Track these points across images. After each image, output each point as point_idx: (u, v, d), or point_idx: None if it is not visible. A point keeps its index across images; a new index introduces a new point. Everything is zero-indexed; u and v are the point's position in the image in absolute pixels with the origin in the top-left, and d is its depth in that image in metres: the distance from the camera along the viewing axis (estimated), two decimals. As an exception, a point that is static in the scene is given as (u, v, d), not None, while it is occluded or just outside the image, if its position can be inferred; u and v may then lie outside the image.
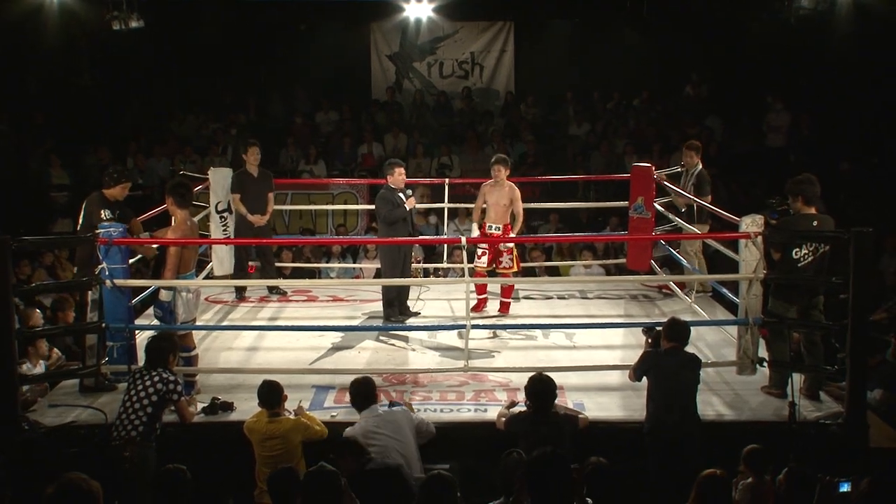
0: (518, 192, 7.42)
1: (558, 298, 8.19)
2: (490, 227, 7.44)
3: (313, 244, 10.26)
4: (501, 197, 7.39)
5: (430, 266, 9.07)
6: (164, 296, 5.74)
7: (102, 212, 6.02)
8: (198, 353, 5.98)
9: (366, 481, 4.20)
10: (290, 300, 8.13)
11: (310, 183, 11.35)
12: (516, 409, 5.17)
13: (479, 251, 7.39)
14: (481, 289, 7.48)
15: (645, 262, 8.25)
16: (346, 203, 11.19)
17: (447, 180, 8.87)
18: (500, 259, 7.39)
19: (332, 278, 9.54)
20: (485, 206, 7.47)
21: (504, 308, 7.57)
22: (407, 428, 4.89)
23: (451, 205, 8.91)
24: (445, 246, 8.96)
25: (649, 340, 5.47)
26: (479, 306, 7.47)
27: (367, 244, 9.77)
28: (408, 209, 7.20)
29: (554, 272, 9.55)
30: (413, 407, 5.31)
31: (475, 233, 7.39)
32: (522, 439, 4.80)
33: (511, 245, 7.40)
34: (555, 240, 9.92)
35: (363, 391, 5.00)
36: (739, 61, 12.73)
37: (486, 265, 7.40)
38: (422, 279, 8.54)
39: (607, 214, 10.52)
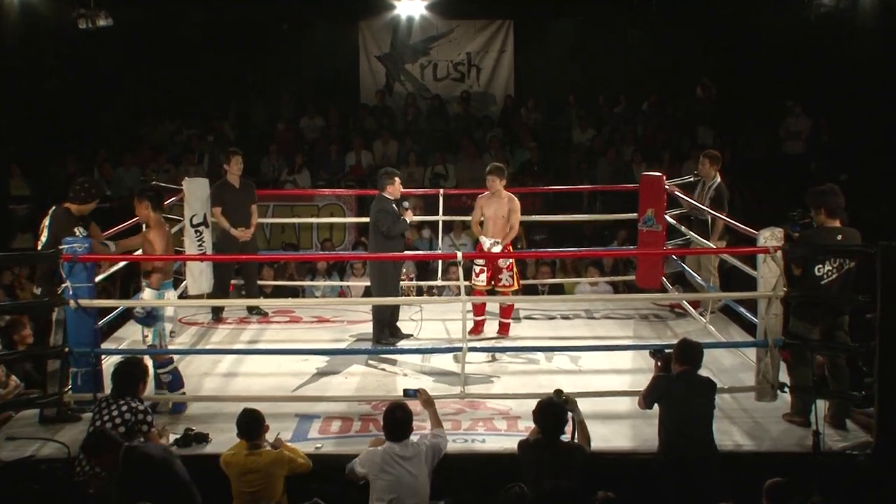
0: (517, 204, 7.43)
1: (562, 318, 8.17)
2: (489, 242, 7.42)
3: (297, 260, 10.23)
4: (500, 209, 7.40)
5: (424, 284, 9.04)
6: (148, 294, 5.77)
7: (76, 230, 6.01)
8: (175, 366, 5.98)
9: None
10: (272, 321, 8.11)
11: (293, 194, 11.34)
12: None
13: (477, 268, 7.37)
14: (479, 309, 7.46)
15: (656, 279, 8.24)
16: (332, 216, 11.16)
17: (442, 191, 8.87)
18: (500, 276, 7.38)
19: (317, 297, 9.52)
20: (483, 219, 7.48)
21: (503, 329, 7.54)
22: (426, 463, 4.84)
23: (447, 217, 8.89)
24: (440, 262, 8.91)
25: (658, 364, 5.44)
26: (477, 328, 7.45)
27: (355, 260, 9.75)
28: (407, 222, 7.24)
29: (557, 290, 9.53)
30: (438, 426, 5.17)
31: (486, 245, 7.38)
32: (528, 468, 4.76)
33: (511, 261, 7.40)
34: (558, 255, 9.91)
35: (400, 423, 4.86)
36: (754, 62, 12.79)
37: (484, 283, 7.38)
38: (415, 298, 8.52)
39: (615, 228, 10.52)
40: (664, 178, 8.26)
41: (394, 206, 7.22)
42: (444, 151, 12.65)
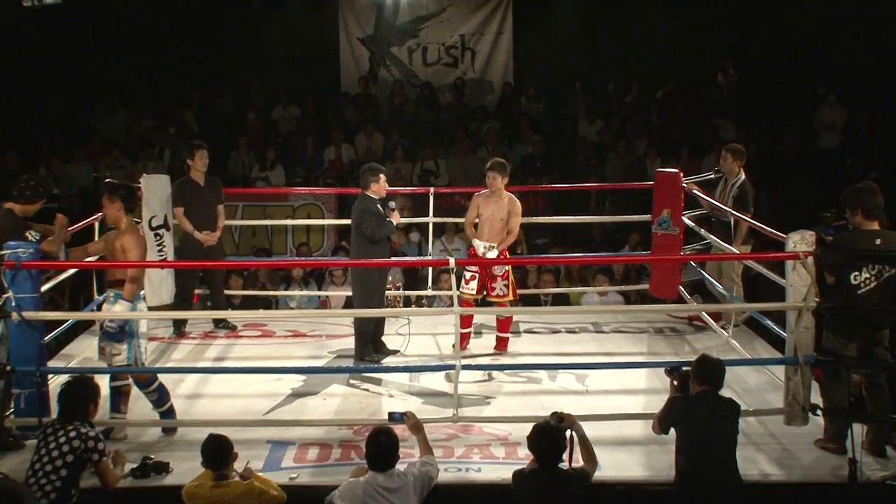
0: (519, 206, 7.47)
1: (567, 332, 8.22)
2: (487, 246, 7.45)
3: (269, 268, 10.24)
4: (498, 210, 7.42)
5: (412, 294, 9.07)
6: (122, 308, 5.81)
7: (28, 234, 6.00)
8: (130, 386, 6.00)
9: None
10: (241, 336, 8.15)
11: (265, 193, 11.37)
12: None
13: (468, 274, 7.39)
14: (465, 321, 7.48)
15: (672, 288, 8.27)
16: (309, 217, 11.18)
17: (432, 189, 8.90)
18: (493, 285, 7.40)
19: (291, 309, 9.54)
20: (478, 220, 7.50)
21: (501, 344, 7.58)
22: (414, 495, 4.82)
23: (437, 219, 8.91)
24: (430, 269, 8.94)
25: (675, 384, 5.46)
26: (462, 343, 7.41)
27: (335, 267, 9.77)
28: (394, 224, 7.28)
29: (562, 300, 9.56)
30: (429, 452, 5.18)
31: (480, 250, 7.41)
32: (524, 500, 4.77)
33: (506, 269, 7.42)
34: (563, 261, 9.94)
35: (385, 450, 4.83)
36: (783, 44, 12.85)
37: (474, 292, 7.40)
38: (402, 310, 8.53)
39: (626, 231, 10.57)
40: (681, 174, 8.29)
41: (378, 206, 7.25)
42: (434, 145, 12.68)
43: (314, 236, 11.14)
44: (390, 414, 5.26)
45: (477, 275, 7.40)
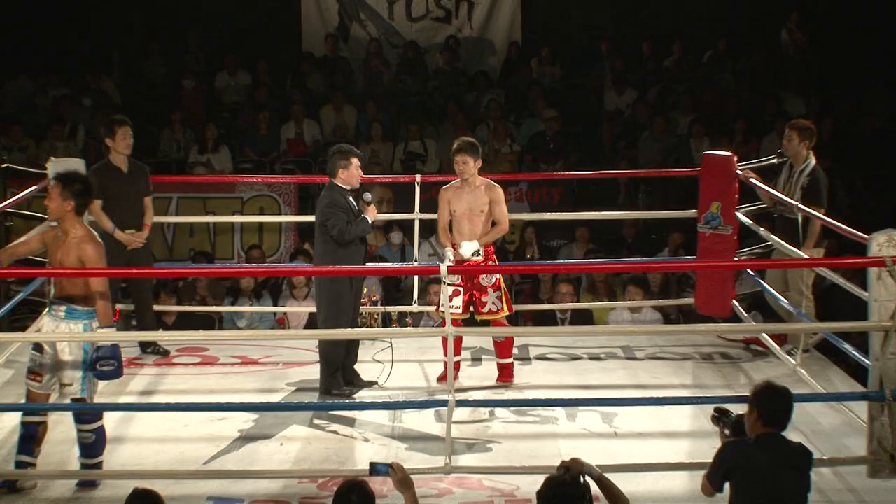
0: (499, 192, 7.51)
1: (590, 359, 8.24)
2: (470, 248, 7.44)
3: (211, 276, 10.23)
4: (476, 201, 7.45)
5: (393, 310, 9.04)
6: (99, 332, 5.87)
7: None
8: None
9: None
10: (175, 363, 8.16)
11: (206, 182, 11.36)
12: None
13: (450, 289, 7.34)
14: (457, 346, 7.38)
15: (723, 303, 8.28)
16: (262, 212, 11.20)
17: (419, 178, 8.91)
18: (483, 299, 7.41)
19: (240, 329, 9.54)
20: (451, 218, 7.54)
21: (505, 374, 7.58)
22: None
23: (425, 215, 8.86)
24: (416, 279, 8.92)
25: (726, 433, 5.42)
26: (444, 374, 7.38)
27: (295, 276, 9.76)
28: (369, 222, 7.31)
29: (584, 319, 9.57)
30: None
31: (467, 254, 7.41)
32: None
33: (497, 277, 7.43)
34: (585, 269, 9.94)
35: None
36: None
37: (460, 310, 7.41)
38: (380, 330, 8.53)
39: (665, 230, 10.59)
40: (735, 159, 8.31)
41: (350, 199, 7.27)
42: (421, 122, 12.71)
43: (268, 237, 11.15)
44: (372, 465, 5.20)
45: (461, 288, 7.40)
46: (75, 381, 5.97)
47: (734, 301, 8.32)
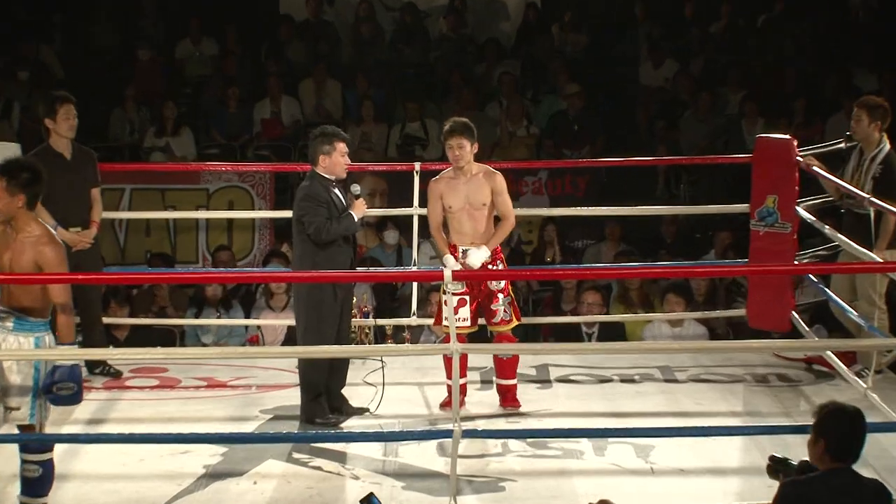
0: (501, 180, 7.52)
1: (622, 382, 8.27)
2: (465, 251, 7.47)
3: (171, 283, 10.21)
4: (474, 193, 7.47)
5: (388, 323, 9.02)
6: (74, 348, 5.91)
7: None
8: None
9: None
10: (128, 387, 8.20)
11: (165, 171, 11.35)
12: None
13: (455, 298, 7.31)
14: (463, 366, 7.42)
15: (780, 314, 8.27)
16: (231, 207, 11.23)
17: (418, 165, 8.90)
18: (494, 307, 7.44)
19: (206, 346, 9.54)
20: (446, 215, 7.55)
21: (509, 398, 7.58)
22: None
23: (425, 210, 8.80)
24: (415, 286, 8.93)
25: (781, 476, 5.35)
26: (448, 400, 7.42)
27: (271, 283, 9.75)
28: (356, 219, 7.29)
29: (614, 333, 9.59)
30: None
31: (476, 262, 7.41)
32: None
33: (503, 283, 7.43)
34: (615, 274, 9.90)
35: None
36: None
37: (468, 323, 7.44)
38: (372, 347, 8.57)
39: (711, 227, 10.60)
40: (795, 143, 8.30)
41: (335, 191, 7.27)
42: (421, 99, 12.72)
43: (239, 236, 11.19)
44: (369, 498, 5.16)
45: (468, 297, 7.41)
46: (24, 405, 5.93)
47: (793, 312, 8.29)
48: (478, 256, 7.38)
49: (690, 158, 11.28)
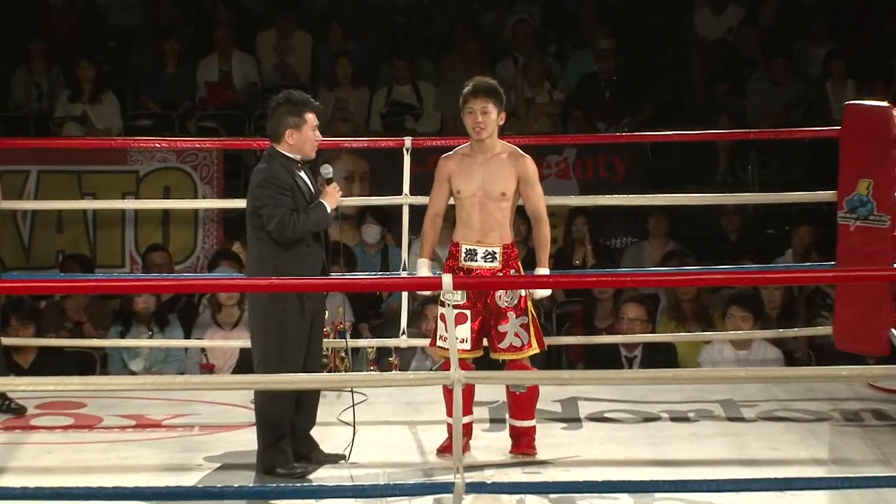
0: (531, 167, 7.51)
1: (672, 420, 8.32)
2: (469, 252, 7.48)
3: (89, 293, 10.18)
4: (493, 178, 7.48)
5: (369, 344, 9.04)
6: None
7: None
8: None
9: None
10: (35, 426, 8.25)
11: (83, 148, 11.35)
12: None
13: (454, 312, 7.25)
14: (468, 401, 7.44)
15: (877, 333, 8.30)
16: (168, 195, 11.32)
17: (409, 141, 8.98)
18: (502, 328, 7.43)
19: (134, 375, 9.54)
20: (452, 201, 7.58)
21: (524, 444, 7.60)
22: None
23: (418, 199, 8.86)
24: (404, 297, 8.97)
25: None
26: (448, 444, 7.42)
27: (219, 293, 9.78)
28: (329, 210, 7.31)
29: (664, 357, 9.62)
30: None
31: (479, 260, 7.44)
32: None
33: (521, 294, 7.44)
34: (664, 281, 9.88)
35: None
36: None
37: (468, 346, 7.44)
38: (348, 376, 8.56)
39: (787, 220, 10.66)
40: (895, 112, 8.30)
41: (301, 174, 7.29)
42: (412, 56, 12.82)
43: (178, 232, 11.28)
44: None
45: (468, 311, 7.42)
46: None
47: (893, 331, 8.29)
48: (489, 261, 7.41)
49: (760, 132, 11.30)
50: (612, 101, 12.27)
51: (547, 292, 7.58)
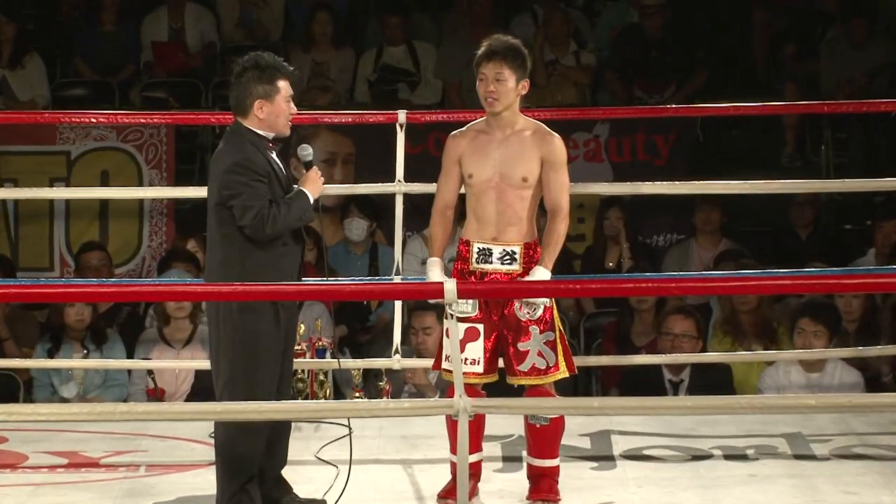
0: (560, 148, 7.56)
1: (728, 459, 8.34)
2: (483, 252, 7.51)
3: (11, 301, 10.20)
4: (512, 160, 7.52)
5: (356, 365, 9.08)
6: None
7: None
8: None
9: None
10: None
11: (0, 123, 11.35)
12: None
13: (462, 328, 7.36)
14: (476, 436, 7.44)
15: None
16: (107, 182, 11.42)
17: (403, 115, 9.02)
18: (522, 346, 7.44)
19: (66, 402, 9.58)
20: (466, 188, 7.61)
21: (543, 488, 7.59)
22: None
23: (416, 186, 9.00)
24: (398, 307, 8.99)
25: None
26: (451, 488, 7.46)
27: (170, 301, 9.81)
28: (311, 200, 7.34)
29: (715, 381, 9.65)
30: None
31: (493, 260, 7.47)
32: None
33: (547, 304, 7.44)
34: (718, 289, 9.89)
35: None
36: None
37: (480, 369, 7.47)
38: (331, 403, 8.58)
39: (869, 215, 10.71)
40: None
41: (273, 156, 7.30)
42: (407, 10, 12.90)
43: (120, 228, 11.32)
44: None
45: (481, 326, 7.43)
46: None
47: None
48: (507, 264, 7.43)
49: (837, 104, 11.30)
50: (654, 65, 12.28)
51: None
